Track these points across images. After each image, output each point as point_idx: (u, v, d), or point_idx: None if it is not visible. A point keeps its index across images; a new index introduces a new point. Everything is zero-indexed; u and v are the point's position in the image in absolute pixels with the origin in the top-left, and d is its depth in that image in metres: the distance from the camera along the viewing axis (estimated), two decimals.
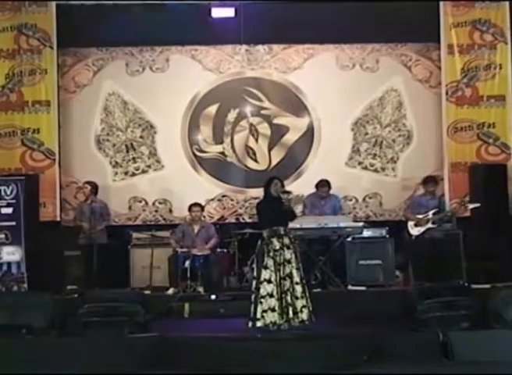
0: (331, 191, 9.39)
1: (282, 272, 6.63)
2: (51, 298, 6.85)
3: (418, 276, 9.01)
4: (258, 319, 6.58)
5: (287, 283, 6.60)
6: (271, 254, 6.69)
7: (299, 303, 6.59)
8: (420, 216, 8.94)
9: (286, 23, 9.83)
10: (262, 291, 6.62)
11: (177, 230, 9.32)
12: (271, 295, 6.59)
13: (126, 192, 10.09)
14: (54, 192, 9.81)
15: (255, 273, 6.85)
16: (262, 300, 6.60)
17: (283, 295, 6.57)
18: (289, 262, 6.67)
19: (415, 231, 8.92)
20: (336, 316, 7.43)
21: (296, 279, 6.64)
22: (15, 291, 8.45)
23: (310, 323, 6.60)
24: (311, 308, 6.66)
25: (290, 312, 6.54)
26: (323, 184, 9.27)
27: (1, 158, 9.78)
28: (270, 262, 6.67)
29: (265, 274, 6.67)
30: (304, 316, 6.58)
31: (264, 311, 6.58)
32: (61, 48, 9.96)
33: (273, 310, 6.55)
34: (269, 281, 6.63)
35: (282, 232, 6.75)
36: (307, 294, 6.69)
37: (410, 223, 8.99)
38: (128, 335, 6.36)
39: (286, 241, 6.75)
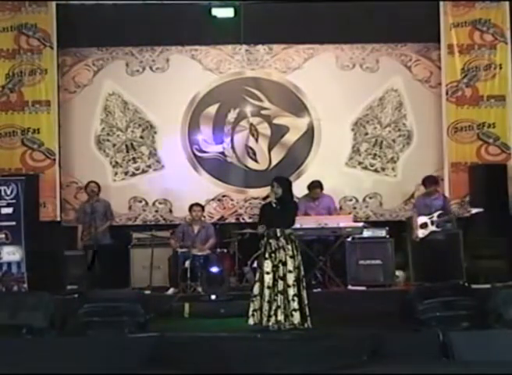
0: (325, 191, 9.38)
1: (277, 273, 6.64)
2: (51, 298, 6.83)
3: (418, 276, 9.02)
4: (249, 317, 6.65)
5: (281, 284, 6.61)
6: (266, 255, 6.73)
7: (290, 306, 6.57)
8: (424, 218, 8.87)
9: (286, 23, 9.87)
10: (254, 290, 6.72)
11: (177, 230, 9.34)
12: (260, 296, 6.64)
13: (126, 192, 10.09)
14: (54, 192, 9.83)
15: None
16: (254, 299, 6.69)
17: (276, 297, 6.58)
18: (284, 264, 6.67)
19: (420, 233, 8.88)
20: (336, 316, 7.43)
21: (289, 281, 6.62)
22: (15, 291, 8.44)
23: (303, 328, 6.55)
24: (307, 313, 6.62)
25: (279, 315, 6.53)
26: (315, 186, 9.23)
27: (1, 158, 9.79)
28: (265, 263, 6.69)
29: (258, 275, 6.76)
30: (295, 319, 6.55)
31: (255, 310, 6.65)
32: (61, 48, 9.97)
33: (259, 310, 6.61)
34: (261, 282, 6.68)
35: (279, 234, 6.73)
36: (302, 298, 6.65)
37: (416, 225, 8.94)
38: (128, 335, 6.36)
39: (282, 242, 6.73)
